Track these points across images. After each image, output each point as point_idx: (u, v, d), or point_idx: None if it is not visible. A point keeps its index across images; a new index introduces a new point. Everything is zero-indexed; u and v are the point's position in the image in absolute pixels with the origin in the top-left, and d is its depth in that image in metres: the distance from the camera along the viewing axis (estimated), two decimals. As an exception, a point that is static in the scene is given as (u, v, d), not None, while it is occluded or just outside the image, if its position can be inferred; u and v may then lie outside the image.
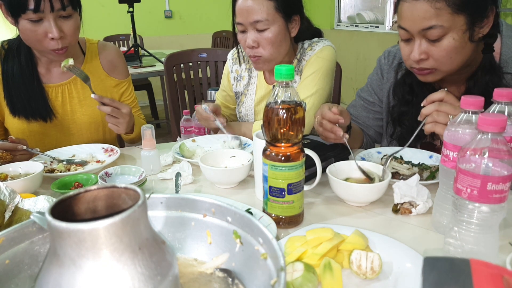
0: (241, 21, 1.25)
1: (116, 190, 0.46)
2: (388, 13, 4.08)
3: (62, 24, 1.18)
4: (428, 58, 0.99)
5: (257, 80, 1.47)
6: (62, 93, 1.36)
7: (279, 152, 0.76)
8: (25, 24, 1.15)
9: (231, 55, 1.55)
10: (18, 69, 1.28)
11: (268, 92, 1.44)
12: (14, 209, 0.73)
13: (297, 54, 1.38)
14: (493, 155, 0.60)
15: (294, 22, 1.30)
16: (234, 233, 0.54)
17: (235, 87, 1.53)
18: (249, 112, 1.50)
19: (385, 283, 0.63)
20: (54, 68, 1.35)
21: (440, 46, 0.95)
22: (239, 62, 1.51)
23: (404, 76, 1.18)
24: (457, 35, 0.94)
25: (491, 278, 0.43)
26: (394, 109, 1.22)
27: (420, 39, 0.97)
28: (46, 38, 1.18)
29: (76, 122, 1.40)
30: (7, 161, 1.10)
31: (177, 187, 0.96)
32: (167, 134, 3.94)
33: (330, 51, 1.35)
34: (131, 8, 3.19)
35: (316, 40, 1.38)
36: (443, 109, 0.88)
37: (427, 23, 0.93)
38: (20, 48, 1.28)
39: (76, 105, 1.39)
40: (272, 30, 1.24)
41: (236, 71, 1.52)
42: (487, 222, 0.63)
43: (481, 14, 0.94)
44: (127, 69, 1.53)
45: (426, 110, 0.91)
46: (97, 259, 0.39)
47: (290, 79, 0.73)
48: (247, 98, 1.49)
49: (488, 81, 1.01)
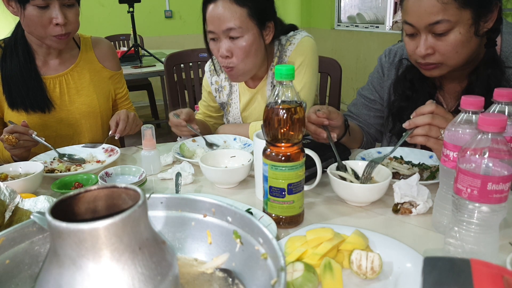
0: (213, 29, 1.19)
1: (116, 190, 0.46)
2: (388, 13, 4.07)
3: (66, 11, 1.24)
4: (434, 53, 0.99)
5: (239, 87, 1.44)
6: (59, 84, 1.39)
7: (279, 152, 0.76)
8: (32, 10, 1.20)
9: (207, 67, 1.51)
10: (17, 63, 1.31)
11: (252, 96, 1.41)
12: (14, 209, 0.73)
13: (276, 52, 1.34)
14: (493, 155, 0.60)
15: (268, 29, 1.25)
16: (234, 233, 0.54)
17: (218, 98, 1.50)
18: (236, 120, 1.48)
19: (385, 283, 0.63)
20: (51, 60, 1.38)
21: (447, 40, 0.96)
22: (216, 73, 1.47)
23: (405, 72, 1.19)
24: (463, 30, 0.95)
25: (491, 278, 0.43)
26: (394, 104, 1.22)
27: (426, 34, 0.98)
28: (50, 24, 1.23)
29: (74, 112, 1.42)
30: (12, 144, 1.12)
31: (177, 187, 0.96)
32: (167, 134, 3.93)
33: (310, 42, 1.31)
34: (131, 8, 3.19)
35: (292, 34, 1.33)
36: (436, 123, 0.86)
37: (434, 17, 0.94)
38: (17, 44, 1.31)
39: (74, 95, 1.41)
40: (246, 38, 1.18)
41: (216, 82, 1.48)
42: (487, 222, 0.63)
43: (486, 8, 0.95)
44: (119, 61, 1.58)
45: (418, 120, 0.88)
46: (97, 259, 0.39)
47: (290, 79, 0.73)
48: (232, 107, 1.47)
49: (490, 74, 1.02)
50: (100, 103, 1.45)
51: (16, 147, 1.14)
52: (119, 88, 1.55)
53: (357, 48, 4.48)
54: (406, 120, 0.90)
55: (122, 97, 1.56)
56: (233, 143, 1.31)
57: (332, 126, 1.04)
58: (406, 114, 1.15)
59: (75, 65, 1.41)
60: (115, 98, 1.54)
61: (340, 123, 1.06)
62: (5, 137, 1.12)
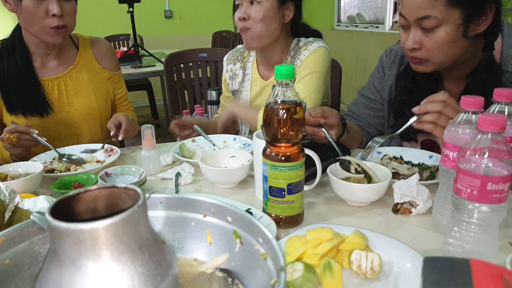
0: None
1: (116, 190, 0.46)
2: (388, 13, 4.07)
3: (63, 5, 1.24)
4: (421, 48, 1.01)
5: (252, 76, 1.49)
6: (58, 86, 1.38)
7: (279, 152, 0.76)
8: (28, 2, 1.20)
9: (226, 57, 1.58)
10: (14, 65, 1.30)
11: (263, 87, 1.45)
12: (14, 209, 0.73)
13: (291, 51, 1.39)
14: (493, 155, 0.60)
15: (288, 9, 1.34)
16: (234, 233, 0.54)
17: (231, 85, 1.55)
18: None
19: (385, 283, 0.63)
20: (49, 62, 1.37)
21: (433, 37, 0.97)
22: (233, 62, 1.54)
23: (407, 67, 1.19)
24: (449, 29, 0.96)
25: (491, 278, 0.43)
26: (396, 98, 1.23)
27: (415, 28, 1.00)
28: (47, 16, 1.22)
29: (73, 114, 1.41)
30: (13, 143, 1.12)
31: (177, 187, 0.96)
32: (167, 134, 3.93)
33: (325, 53, 1.37)
34: (131, 8, 3.19)
35: (311, 40, 1.40)
36: (446, 112, 0.87)
37: (422, 12, 0.96)
38: (14, 46, 1.31)
39: (73, 97, 1.40)
40: (264, 4, 1.29)
41: (231, 70, 1.55)
42: (487, 222, 0.63)
43: (477, 10, 0.95)
44: (118, 62, 1.57)
45: (430, 107, 0.88)
46: (97, 259, 0.39)
47: (290, 79, 0.73)
48: (243, 94, 1.51)
49: (485, 79, 1.02)
50: (99, 104, 1.45)
51: (16, 146, 1.14)
52: (118, 88, 1.55)
53: (357, 48, 4.48)
54: (407, 115, 0.90)
55: (121, 98, 1.56)
56: (233, 143, 1.31)
57: (329, 125, 1.05)
58: (407, 109, 1.16)
59: (74, 66, 1.41)
60: (114, 98, 1.54)
61: (337, 121, 1.07)
62: (5, 136, 1.12)
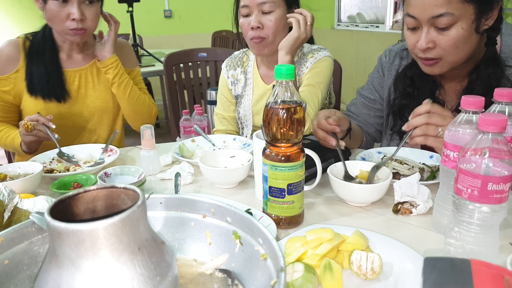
0: (247, 3, 1.30)
1: (116, 190, 0.46)
2: (388, 12, 4.07)
3: (85, 9, 1.33)
4: (435, 47, 0.99)
5: (253, 81, 1.48)
6: (79, 78, 1.46)
7: (279, 152, 0.75)
8: (52, 4, 1.30)
9: (225, 64, 1.57)
10: (42, 56, 1.40)
11: (266, 91, 1.45)
12: (13, 209, 0.73)
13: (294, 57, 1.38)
14: (494, 155, 0.60)
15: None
16: (234, 233, 0.54)
17: (233, 91, 1.55)
18: (247, 113, 1.50)
19: (385, 284, 0.63)
20: (74, 55, 1.47)
21: (448, 35, 0.96)
22: (232, 67, 1.53)
23: (406, 69, 1.19)
24: (465, 25, 0.95)
25: (492, 278, 0.43)
26: (395, 101, 1.22)
27: (428, 27, 0.98)
28: (68, 19, 1.31)
29: (89, 106, 1.49)
30: (29, 130, 1.19)
31: (176, 187, 0.96)
32: (167, 134, 3.93)
33: (331, 63, 1.41)
34: (131, 8, 3.18)
35: (316, 48, 1.42)
36: (433, 121, 0.87)
37: (437, 10, 0.94)
38: (44, 38, 1.41)
39: (90, 90, 1.48)
40: (277, 12, 1.30)
41: (232, 75, 1.54)
42: (487, 222, 0.63)
43: (488, 5, 0.95)
44: (136, 59, 1.65)
45: (415, 121, 0.89)
46: (96, 260, 0.39)
47: (290, 79, 0.73)
48: (245, 99, 1.50)
49: (490, 73, 1.02)
50: (114, 99, 1.51)
51: (29, 133, 1.20)
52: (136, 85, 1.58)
53: (357, 48, 4.48)
54: (407, 118, 0.90)
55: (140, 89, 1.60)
56: (232, 143, 1.31)
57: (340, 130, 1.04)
58: (407, 112, 1.16)
59: (95, 61, 1.48)
60: None
61: (346, 128, 1.06)
62: (24, 122, 1.19)
